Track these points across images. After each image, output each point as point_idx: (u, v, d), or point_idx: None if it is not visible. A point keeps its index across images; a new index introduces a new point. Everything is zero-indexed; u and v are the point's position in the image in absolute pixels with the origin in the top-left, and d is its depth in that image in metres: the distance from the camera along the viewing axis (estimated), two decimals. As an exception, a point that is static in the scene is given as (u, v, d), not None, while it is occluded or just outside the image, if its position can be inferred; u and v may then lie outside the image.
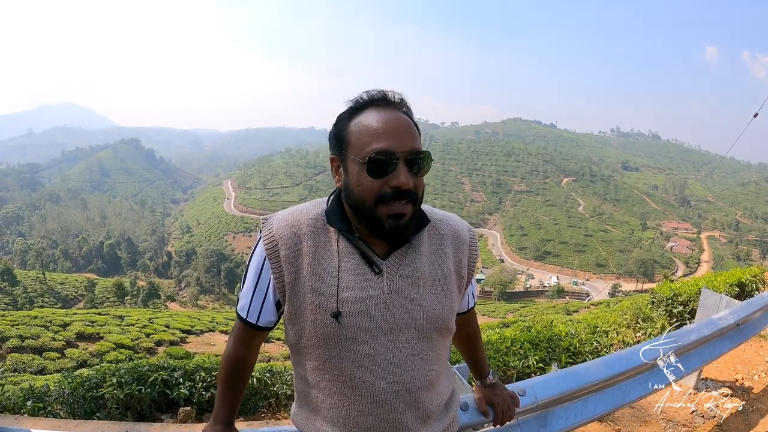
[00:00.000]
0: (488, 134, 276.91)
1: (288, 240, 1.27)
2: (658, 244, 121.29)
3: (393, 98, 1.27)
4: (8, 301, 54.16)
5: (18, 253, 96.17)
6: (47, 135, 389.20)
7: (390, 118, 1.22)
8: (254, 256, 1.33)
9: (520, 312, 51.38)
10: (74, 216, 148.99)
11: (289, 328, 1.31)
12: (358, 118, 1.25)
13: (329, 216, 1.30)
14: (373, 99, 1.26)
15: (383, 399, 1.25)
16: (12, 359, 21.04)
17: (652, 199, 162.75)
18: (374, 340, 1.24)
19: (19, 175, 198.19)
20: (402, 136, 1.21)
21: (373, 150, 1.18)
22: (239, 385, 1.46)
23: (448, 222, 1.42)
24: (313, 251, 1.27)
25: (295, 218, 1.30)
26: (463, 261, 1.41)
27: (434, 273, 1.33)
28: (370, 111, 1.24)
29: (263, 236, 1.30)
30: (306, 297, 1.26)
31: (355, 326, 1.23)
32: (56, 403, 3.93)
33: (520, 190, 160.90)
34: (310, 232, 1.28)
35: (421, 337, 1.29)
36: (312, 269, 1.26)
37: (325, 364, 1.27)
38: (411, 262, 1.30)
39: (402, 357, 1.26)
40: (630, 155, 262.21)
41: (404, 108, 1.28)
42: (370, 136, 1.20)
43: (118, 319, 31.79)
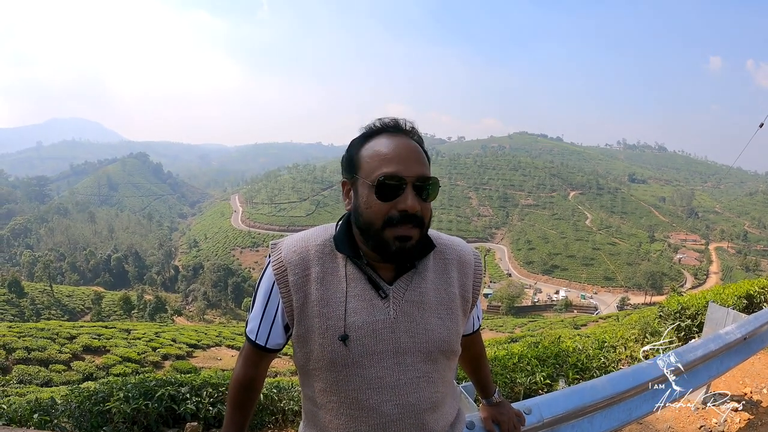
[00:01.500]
0: (495, 148, 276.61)
1: (296, 266, 1.30)
2: (666, 256, 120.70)
3: (404, 126, 1.31)
4: (15, 312, 54.35)
5: (25, 265, 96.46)
6: (56, 148, 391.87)
7: (399, 145, 1.26)
8: (263, 280, 1.36)
9: (528, 326, 51.17)
10: (82, 229, 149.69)
11: (298, 350, 1.34)
12: (370, 144, 1.29)
13: (337, 242, 1.32)
14: (385, 126, 1.31)
15: (389, 420, 1.28)
16: (18, 371, 21.10)
17: (659, 211, 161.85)
18: (381, 363, 1.27)
19: (27, 187, 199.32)
20: (410, 162, 1.24)
21: (382, 174, 1.22)
22: (248, 405, 1.49)
23: (454, 247, 1.44)
24: (321, 277, 1.30)
25: (304, 244, 1.33)
26: (467, 285, 1.43)
27: (439, 297, 1.36)
28: (382, 137, 1.28)
29: (272, 262, 1.33)
30: (314, 321, 1.28)
31: (362, 350, 1.26)
32: (63, 417, 3.94)
33: (527, 204, 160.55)
34: (318, 258, 1.31)
35: (426, 359, 1.31)
36: (320, 294, 1.28)
37: (333, 386, 1.29)
38: (417, 286, 1.33)
39: (408, 379, 1.28)
40: (637, 167, 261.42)
41: (415, 136, 1.32)
42: (380, 160, 1.24)
43: (124, 332, 31.83)
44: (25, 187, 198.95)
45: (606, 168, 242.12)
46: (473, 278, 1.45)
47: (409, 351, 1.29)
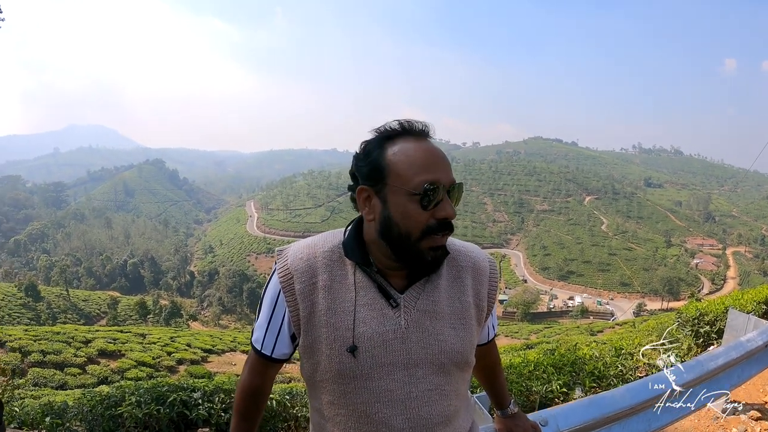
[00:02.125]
0: (509, 154, 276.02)
1: (303, 273, 1.25)
2: (683, 261, 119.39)
3: (424, 128, 1.25)
4: (32, 316, 54.97)
5: (42, 270, 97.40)
6: (73, 155, 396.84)
7: (431, 150, 1.21)
8: (269, 288, 1.31)
9: (543, 333, 50.80)
10: (98, 234, 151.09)
11: (304, 361, 1.29)
12: (397, 148, 1.21)
13: (346, 248, 1.27)
14: (406, 128, 1.23)
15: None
16: (33, 374, 21.34)
17: (676, 216, 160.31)
18: (391, 376, 1.22)
19: (44, 193, 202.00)
20: (445, 168, 1.20)
21: (425, 181, 1.16)
22: (254, 414, 1.46)
23: (468, 253, 1.38)
24: (328, 285, 1.25)
25: (311, 251, 1.28)
26: (482, 293, 1.37)
27: (453, 306, 1.30)
28: (407, 141, 1.21)
29: (278, 269, 1.29)
30: (321, 331, 1.23)
31: (372, 361, 1.21)
32: (75, 420, 3.94)
33: (543, 210, 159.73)
34: (325, 265, 1.26)
35: (438, 371, 1.26)
36: (327, 303, 1.24)
37: (341, 399, 1.25)
38: (429, 295, 1.27)
39: (419, 392, 1.24)
40: (653, 171, 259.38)
41: (431, 138, 1.27)
42: (419, 167, 1.17)
43: (139, 337, 32.09)
44: (43, 193, 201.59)
45: (622, 172, 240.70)
46: (488, 286, 1.38)
47: (421, 363, 1.24)
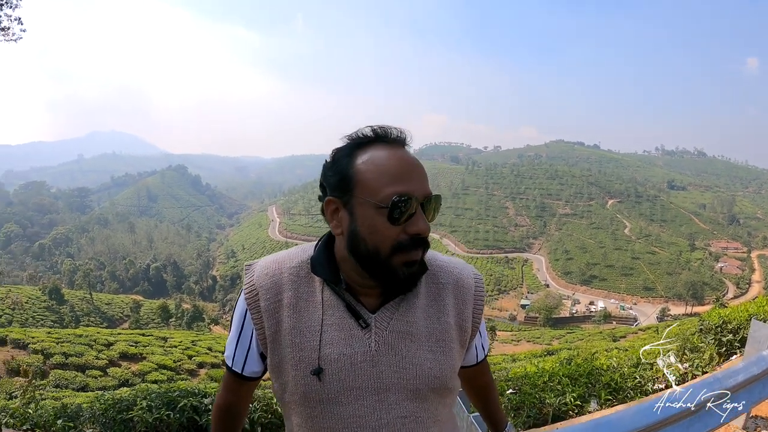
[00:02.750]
0: (531, 157, 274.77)
1: (268, 290, 1.19)
2: (707, 265, 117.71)
3: (400, 135, 1.15)
4: (55, 319, 55.79)
5: (66, 274, 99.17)
6: (97, 161, 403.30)
7: (404, 159, 1.12)
8: (238, 304, 1.25)
9: (566, 338, 50.55)
10: (122, 239, 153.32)
11: (274, 380, 1.23)
12: (366, 157, 1.11)
13: (314, 264, 1.19)
14: (379, 135, 1.14)
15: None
16: (55, 375, 21.65)
17: (699, 219, 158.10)
18: (360, 401, 1.13)
19: (69, 198, 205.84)
20: (419, 179, 1.11)
21: (395, 193, 1.07)
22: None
23: (450, 269, 1.28)
24: (294, 303, 1.18)
25: (277, 266, 1.22)
26: (466, 313, 1.26)
27: (431, 328, 1.20)
28: (379, 149, 1.12)
29: (244, 285, 1.22)
30: (287, 351, 1.16)
31: (338, 385, 1.13)
32: (87, 423, 3.96)
33: (565, 213, 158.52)
34: (291, 282, 1.19)
35: (413, 397, 1.16)
36: (293, 322, 1.17)
37: (308, 422, 1.17)
38: (404, 315, 1.18)
39: (391, 419, 1.14)
40: (676, 174, 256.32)
41: (408, 146, 1.18)
42: (388, 178, 1.08)
43: (161, 340, 32.38)
44: (67, 198, 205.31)
45: (644, 175, 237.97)
46: (473, 304, 1.27)
47: (393, 388, 1.15)
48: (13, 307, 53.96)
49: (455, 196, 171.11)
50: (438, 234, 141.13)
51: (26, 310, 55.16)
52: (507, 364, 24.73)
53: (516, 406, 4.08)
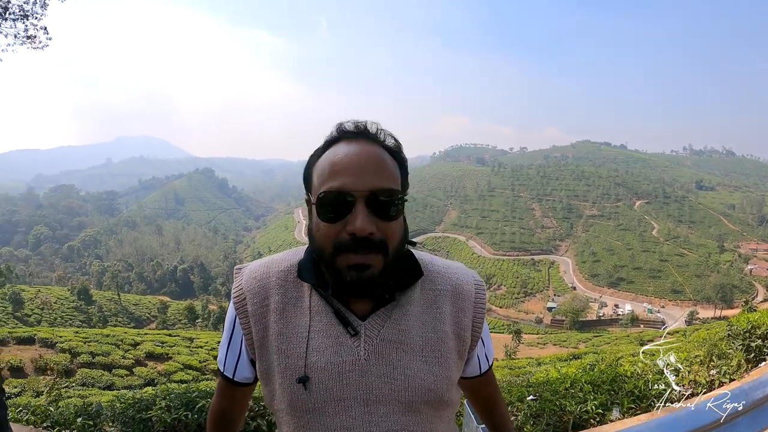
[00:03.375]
0: (557, 158, 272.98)
1: (256, 294, 1.15)
2: (736, 267, 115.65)
3: (364, 129, 1.10)
4: (83, 319, 57.07)
5: (95, 275, 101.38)
6: (125, 165, 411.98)
7: (351, 152, 1.05)
8: (229, 308, 1.22)
9: (592, 342, 50.02)
10: (149, 241, 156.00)
11: (264, 387, 1.18)
12: (325, 154, 1.09)
13: (301, 268, 1.15)
14: (343, 132, 1.10)
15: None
16: (82, 374, 22.07)
17: (729, 220, 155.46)
18: (347, 412, 1.08)
19: (97, 201, 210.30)
20: (362, 173, 1.03)
21: (323, 190, 1.03)
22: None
23: (449, 275, 1.21)
24: (281, 308, 1.13)
25: (265, 270, 1.18)
26: (464, 322, 1.18)
27: (426, 337, 1.13)
28: (339, 145, 1.08)
29: (233, 290, 1.20)
30: (273, 358, 1.12)
31: (325, 395, 1.08)
32: (107, 422, 3.99)
33: (592, 215, 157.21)
34: (279, 286, 1.15)
35: (405, 410, 1.10)
36: (279, 328, 1.12)
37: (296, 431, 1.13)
38: (396, 323, 1.12)
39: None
40: (704, 174, 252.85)
41: (384, 141, 1.11)
42: (327, 174, 1.05)
43: (187, 340, 32.83)
44: (96, 201, 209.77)
45: (672, 175, 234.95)
46: (472, 313, 1.20)
47: (383, 399, 1.09)
48: (43, 307, 55.25)
49: (481, 197, 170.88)
50: (464, 236, 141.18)
51: (55, 310, 56.41)
52: (531, 368, 24.57)
53: (536, 413, 3.99)
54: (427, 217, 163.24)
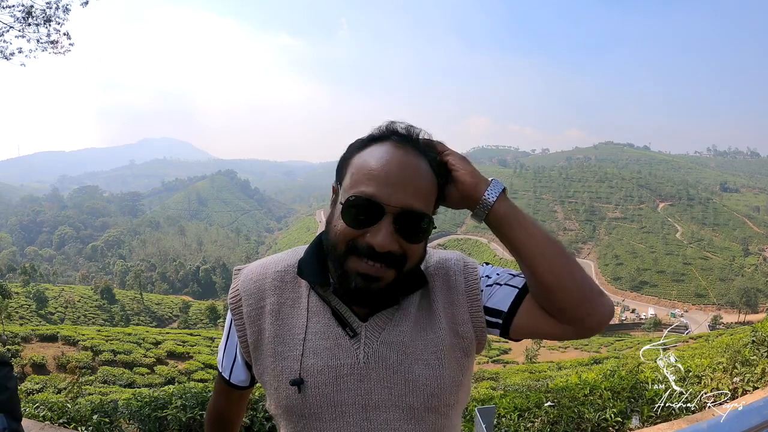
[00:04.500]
0: (580, 159, 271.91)
1: (251, 295, 1.11)
2: (761, 270, 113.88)
3: (417, 138, 1.04)
4: (106, 317, 57.93)
5: (118, 274, 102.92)
6: (148, 166, 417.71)
7: (393, 160, 0.98)
8: (228, 310, 1.18)
9: (614, 346, 49.55)
10: (172, 241, 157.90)
11: (264, 390, 1.14)
12: (367, 150, 1.02)
13: (302, 266, 1.10)
14: (393, 132, 1.03)
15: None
16: (103, 372, 22.34)
17: (753, 222, 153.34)
18: (344, 419, 1.03)
19: (121, 202, 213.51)
20: (400, 187, 0.96)
21: (357, 193, 0.96)
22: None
23: (438, 269, 1.15)
24: (277, 309, 1.09)
25: (262, 270, 1.13)
26: (462, 317, 1.10)
27: (426, 338, 1.07)
28: (383, 146, 1.01)
29: (230, 290, 1.16)
30: (268, 361, 1.08)
31: (321, 399, 1.02)
32: (124, 420, 4.02)
33: (615, 217, 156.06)
34: (275, 287, 1.10)
35: (407, 417, 1.04)
36: (274, 330, 1.08)
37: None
38: (398, 325, 1.07)
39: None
40: (729, 175, 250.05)
41: (427, 153, 1.03)
42: (364, 175, 0.98)
43: (208, 340, 33.08)
44: (119, 202, 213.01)
45: (696, 177, 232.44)
46: (468, 304, 1.11)
47: (384, 405, 1.03)
48: (66, 306, 56.08)
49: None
50: (485, 238, 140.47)
51: (78, 308, 57.27)
52: (552, 372, 24.33)
53: (553, 420, 3.92)
54: (449, 219, 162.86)
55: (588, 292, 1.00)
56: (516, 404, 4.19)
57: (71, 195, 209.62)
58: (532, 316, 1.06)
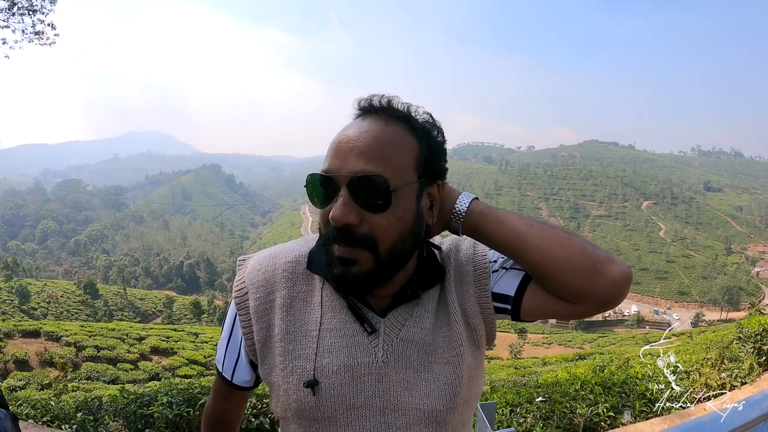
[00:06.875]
0: (565, 157, 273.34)
1: (259, 288, 1.02)
2: (743, 269, 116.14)
3: (377, 104, 0.96)
4: (89, 312, 57.34)
5: (101, 269, 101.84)
6: (132, 160, 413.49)
7: (347, 131, 0.93)
8: (231, 304, 1.08)
9: (597, 342, 50.03)
10: (156, 236, 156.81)
11: (270, 391, 1.05)
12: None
13: (311, 258, 1.02)
14: (357, 107, 0.98)
15: None
16: (87, 368, 22.13)
17: (736, 221, 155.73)
18: (361, 422, 0.95)
19: (104, 196, 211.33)
20: (351, 153, 0.89)
21: (317, 173, 0.93)
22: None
23: (450, 258, 1.07)
24: (288, 303, 1.00)
25: (271, 261, 1.04)
26: (469, 306, 1.03)
27: (445, 335, 1.00)
28: (348, 124, 0.96)
29: (234, 282, 1.08)
30: (278, 360, 0.99)
31: (336, 401, 0.94)
32: (109, 417, 3.95)
33: (599, 215, 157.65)
34: (286, 279, 1.01)
35: (428, 420, 0.96)
36: (285, 326, 0.99)
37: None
38: (419, 321, 0.99)
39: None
40: (712, 175, 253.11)
41: (400, 116, 0.95)
42: (326, 154, 0.94)
43: (192, 335, 32.90)
44: (103, 196, 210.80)
45: (680, 176, 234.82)
46: (476, 293, 1.03)
47: (403, 408, 0.96)
48: (49, 301, 55.46)
49: (488, 196, 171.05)
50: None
51: (61, 303, 56.65)
52: (537, 368, 24.46)
53: (546, 415, 3.91)
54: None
55: (590, 267, 0.94)
56: (507, 399, 4.19)
57: (54, 188, 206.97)
58: (539, 297, 1.00)
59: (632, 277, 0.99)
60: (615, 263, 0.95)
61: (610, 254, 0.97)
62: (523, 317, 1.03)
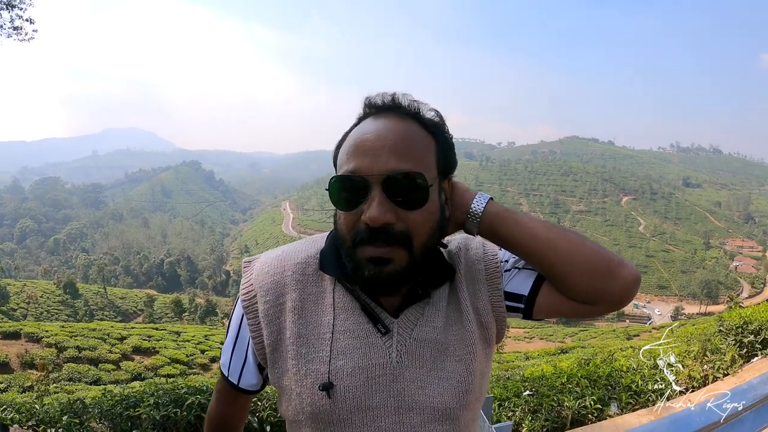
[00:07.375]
0: (545, 153, 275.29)
1: (268, 291, 1.00)
2: (722, 263, 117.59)
3: (391, 101, 0.95)
4: (69, 313, 56.61)
5: (81, 268, 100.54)
6: (111, 157, 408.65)
7: (371, 129, 0.92)
8: (235, 308, 1.07)
9: (579, 336, 50.42)
10: (136, 234, 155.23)
11: (279, 395, 1.05)
12: (351, 134, 0.96)
13: (324, 259, 1.01)
14: (371, 106, 0.97)
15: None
16: (68, 369, 21.88)
17: (715, 217, 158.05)
18: (376, 423, 0.94)
19: (83, 194, 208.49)
20: (380, 152, 0.89)
21: (341, 174, 0.92)
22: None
23: (461, 257, 1.08)
24: (299, 306, 0.99)
25: (280, 263, 1.03)
26: (481, 304, 1.04)
27: (457, 333, 1.01)
28: (365, 123, 0.95)
29: (241, 286, 1.05)
30: (290, 364, 0.97)
31: (352, 403, 0.94)
32: (94, 420, 3.91)
33: (579, 210, 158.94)
34: (296, 282, 1.00)
35: (442, 418, 0.96)
36: (297, 329, 0.98)
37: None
38: (430, 321, 0.99)
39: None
40: (691, 171, 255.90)
41: (416, 112, 0.96)
42: (346, 155, 0.93)
43: (174, 334, 32.67)
44: (81, 194, 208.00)
45: (659, 172, 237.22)
46: (488, 292, 1.05)
47: (418, 407, 0.95)
48: (29, 301, 54.71)
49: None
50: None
51: (41, 304, 55.89)
52: (520, 362, 24.62)
53: (534, 408, 3.95)
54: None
55: (604, 269, 0.95)
56: (495, 394, 4.22)
57: (32, 187, 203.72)
58: (552, 297, 1.02)
59: (641, 280, 0.99)
60: (626, 266, 0.96)
61: (621, 257, 0.97)
62: (535, 316, 1.04)
